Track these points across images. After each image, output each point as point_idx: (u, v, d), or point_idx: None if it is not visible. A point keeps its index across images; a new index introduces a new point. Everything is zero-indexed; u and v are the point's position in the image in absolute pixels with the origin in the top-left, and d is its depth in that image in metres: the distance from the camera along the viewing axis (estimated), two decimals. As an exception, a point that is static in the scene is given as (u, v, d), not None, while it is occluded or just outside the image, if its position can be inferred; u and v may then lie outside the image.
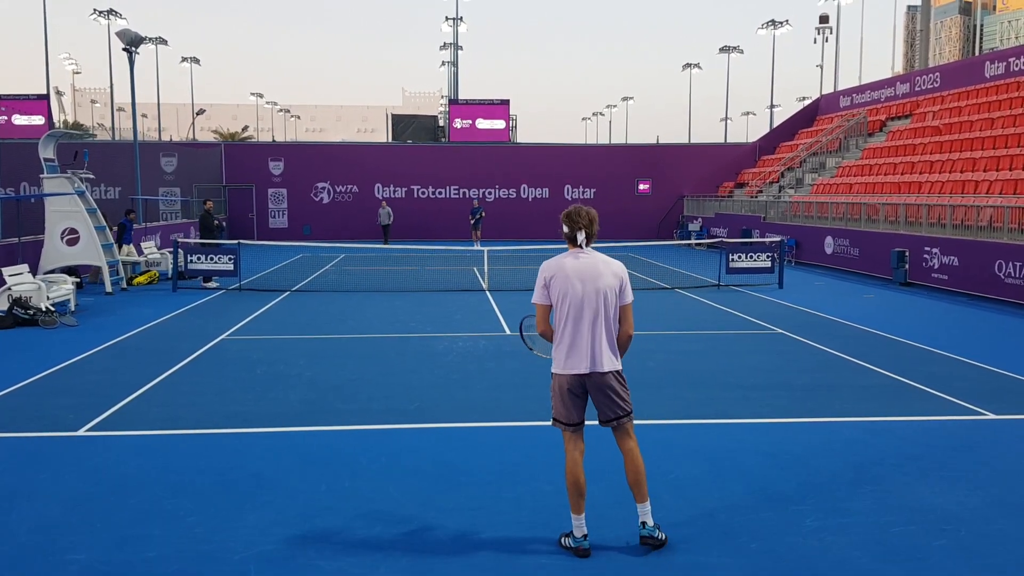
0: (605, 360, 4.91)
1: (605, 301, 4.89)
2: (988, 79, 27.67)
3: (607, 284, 4.90)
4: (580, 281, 4.89)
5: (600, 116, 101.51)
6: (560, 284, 4.92)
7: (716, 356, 11.07)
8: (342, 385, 9.35)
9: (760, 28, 53.20)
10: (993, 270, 16.49)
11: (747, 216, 29.79)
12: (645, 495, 5.05)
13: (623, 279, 4.97)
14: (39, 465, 6.63)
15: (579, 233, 4.92)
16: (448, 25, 52.26)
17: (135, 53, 24.29)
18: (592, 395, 4.99)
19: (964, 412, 8.29)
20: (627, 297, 4.97)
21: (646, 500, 5.05)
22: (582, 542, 4.98)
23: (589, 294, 4.87)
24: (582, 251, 4.96)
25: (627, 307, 4.98)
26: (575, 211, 4.98)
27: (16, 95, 40.48)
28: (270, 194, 37.17)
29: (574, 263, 4.93)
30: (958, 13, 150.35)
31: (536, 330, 5.13)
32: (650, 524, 5.04)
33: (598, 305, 4.88)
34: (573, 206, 5.06)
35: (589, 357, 4.89)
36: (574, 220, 4.94)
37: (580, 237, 4.92)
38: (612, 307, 4.93)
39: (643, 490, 5.03)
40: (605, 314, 4.90)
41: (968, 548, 5.12)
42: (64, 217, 17.23)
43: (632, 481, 5.03)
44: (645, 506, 5.05)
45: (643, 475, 5.02)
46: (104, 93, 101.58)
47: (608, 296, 4.90)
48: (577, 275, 4.90)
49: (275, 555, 4.98)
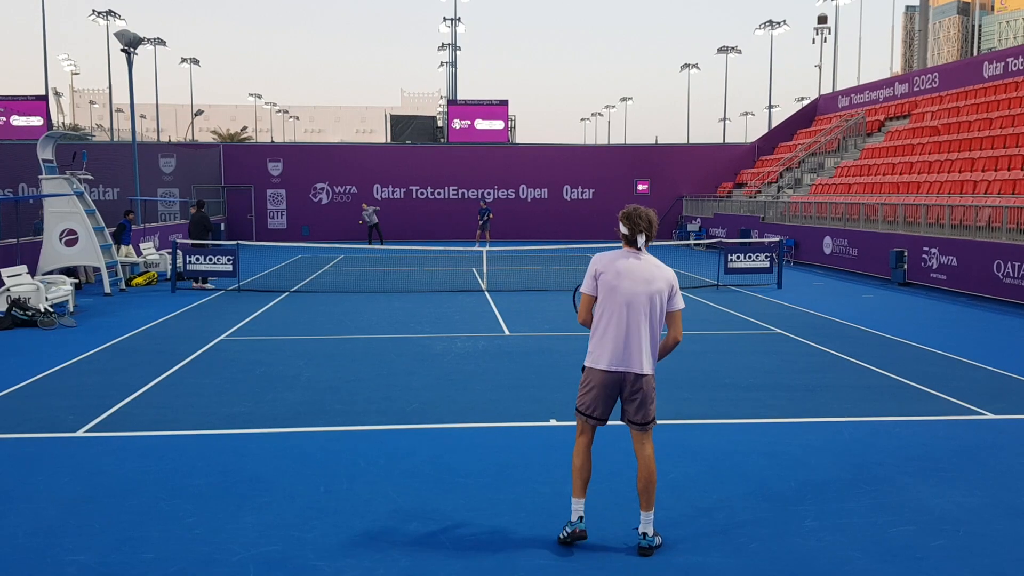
0: (645, 363, 4.92)
1: (652, 305, 4.90)
2: (986, 79, 27.70)
3: (657, 288, 4.90)
4: (631, 281, 4.89)
5: (599, 117, 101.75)
6: (610, 280, 4.92)
7: (715, 356, 11.07)
8: (341, 386, 9.34)
9: (758, 28, 53.28)
10: (992, 270, 16.51)
11: (746, 216, 29.80)
12: (651, 504, 5.04)
13: (673, 285, 4.98)
14: (37, 466, 6.63)
15: (640, 236, 4.93)
16: (446, 26, 52.29)
17: (134, 54, 24.29)
18: (624, 395, 5.00)
19: (964, 412, 8.30)
20: (677, 304, 4.98)
21: (651, 509, 5.04)
22: (578, 524, 5.01)
23: (639, 295, 4.87)
24: (639, 252, 4.97)
25: (676, 313, 5.00)
26: (635, 212, 4.98)
27: (14, 96, 40.44)
28: (269, 195, 37.15)
29: (627, 263, 4.94)
30: (956, 13, 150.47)
31: (578, 316, 5.14)
32: (649, 535, 5.02)
33: (645, 308, 4.88)
34: (632, 207, 5.04)
35: (628, 357, 4.90)
36: (635, 222, 4.94)
37: (641, 240, 4.94)
38: (659, 312, 4.93)
39: (651, 498, 5.03)
40: (651, 317, 4.90)
41: (967, 548, 5.12)
42: (63, 218, 17.22)
43: (642, 488, 5.03)
44: (649, 515, 5.03)
45: (654, 484, 5.03)
46: (103, 94, 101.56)
47: (656, 300, 4.91)
48: (629, 274, 4.91)
49: (274, 556, 4.97)
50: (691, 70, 68.30)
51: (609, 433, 7.59)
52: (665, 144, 42.81)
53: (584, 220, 37.54)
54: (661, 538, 5.12)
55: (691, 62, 67.95)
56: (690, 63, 68.14)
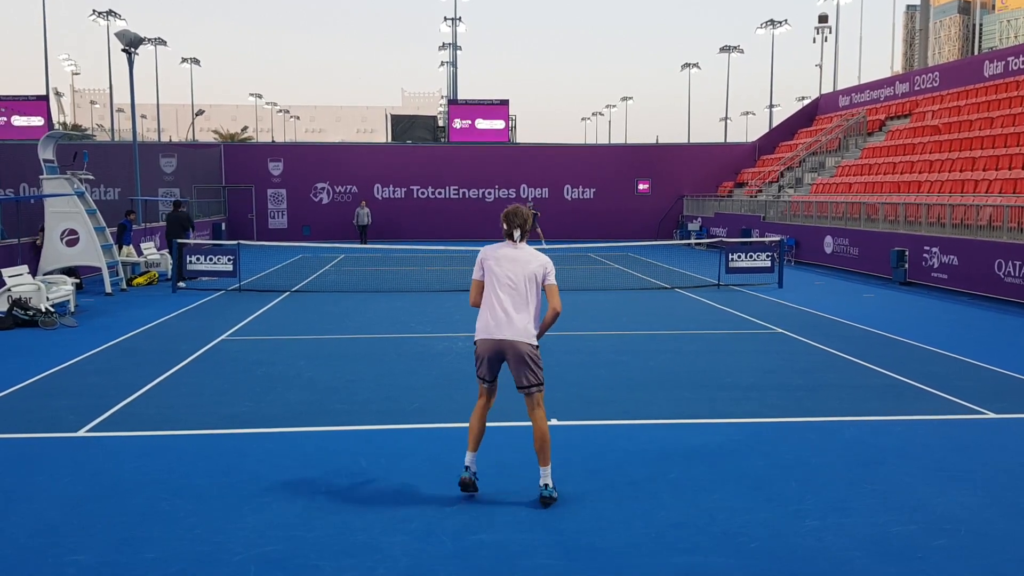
0: (520, 332, 5.70)
1: (527, 283, 5.76)
2: (987, 78, 27.68)
3: (532, 270, 5.80)
4: (510, 264, 5.79)
5: (600, 116, 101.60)
6: (492, 266, 5.83)
7: (716, 356, 11.07)
8: (341, 386, 9.35)
9: (759, 28, 53.25)
10: (993, 269, 16.50)
11: (747, 216, 29.79)
12: (547, 460, 5.75)
13: (546, 267, 5.85)
14: (38, 466, 6.63)
15: (516, 231, 5.86)
16: (447, 25, 52.27)
17: (134, 54, 24.28)
18: (508, 361, 5.76)
19: (964, 412, 8.29)
20: (551, 280, 5.84)
21: (547, 464, 5.75)
22: (466, 473, 5.84)
23: (517, 275, 5.75)
24: (515, 244, 5.86)
25: (552, 287, 5.84)
26: (512, 211, 5.88)
27: (15, 96, 40.49)
28: (270, 195, 37.17)
29: (506, 251, 5.86)
30: (957, 12, 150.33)
31: (470, 300, 6.03)
32: (550, 486, 5.72)
33: (521, 286, 5.75)
34: (512, 207, 5.92)
35: (505, 327, 5.70)
36: (511, 220, 5.87)
37: (517, 234, 5.87)
38: (536, 289, 5.80)
39: (546, 456, 5.75)
40: (527, 294, 5.75)
41: (968, 548, 5.11)
42: (63, 218, 17.22)
43: (538, 447, 5.76)
44: (546, 470, 5.74)
45: (547, 442, 5.75)
46: (103, 94, 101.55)
47: (532, 279, 5.78)
48: (508, 260, 5.81)
49: (275, 556, 4.97)
50: (692, 69, 68.29)
51: (610, 432, 7.59)
52: (666, 144, 42.80)
53: (585, 220, 37.53)
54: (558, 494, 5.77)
55: (692, 61, 67.92)
56: (691, 62, 68.13)
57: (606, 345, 11.82)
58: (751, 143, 39.99)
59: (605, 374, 9.95)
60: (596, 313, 14.90)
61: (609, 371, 10.11)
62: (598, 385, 9.40)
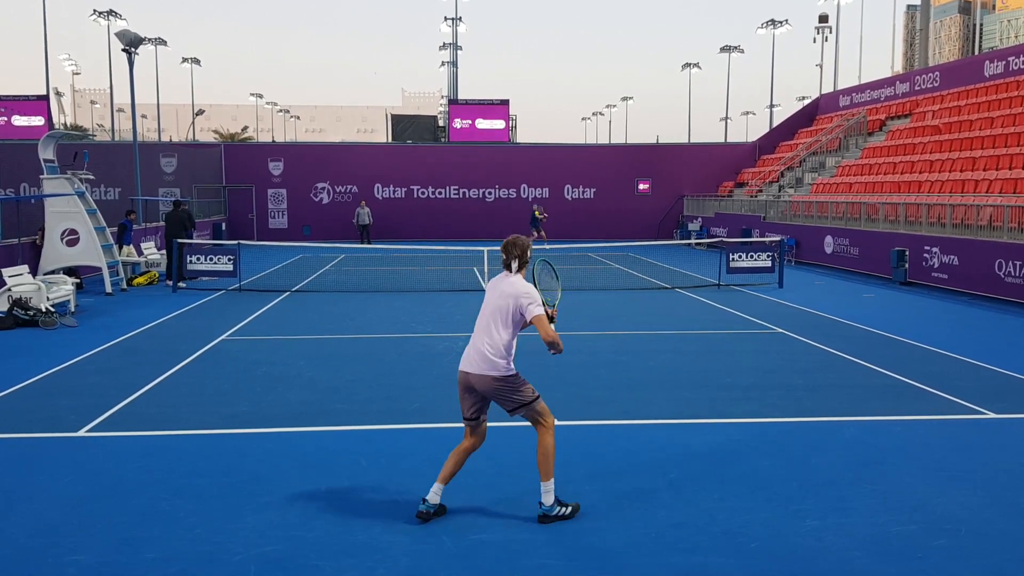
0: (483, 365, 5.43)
1: (493, 316, 5.47)
2: (987, 78, 27.67)
3: (505, 303, 5.47)
4: (495, 294, 5.54)
5: (600, 116, 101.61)
6: (485, 296, 5.66)
7: (716, 356, 11.07)
8: (342, 386, 9.35)
9: (760, 28, 53.20)
10: (993, 269, 16.50)
11: (747, 216, 29.79)
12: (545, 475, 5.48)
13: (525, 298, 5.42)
14: (39, 466, 6.63)
15: (513, 262, 5.59)
16: (447, 25, 52.28)
17: (135, 54, 24.28)
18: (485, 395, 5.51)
19: (964, 412, 8.29)
20: (532, 312, 5.41)
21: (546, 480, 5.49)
22: (423, 506, 5.49)
23: (497, 305, 5.48)
24: (510, 274, 5.59)
25: (535, 319, 5.41)
26: (512, 243, 5.62)
27: (16, 96, 40.50)
28: (270, 194, 37.16)
29: (498, 281, 5.63)
30: (957, 12, 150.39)
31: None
32: (544, 504, 5.48)
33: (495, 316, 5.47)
34: (511, 237, 5.69)
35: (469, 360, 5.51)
36: (508, 251, 5.61)
37: (514, 265, 5.59)
38: (505, 321, 5.44)
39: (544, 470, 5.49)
40: (490, 327, 5.47)
41: (968, 548, 5.11)
42: (64, 218, 17.22)
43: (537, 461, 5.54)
44: (545, 485, 5.49)
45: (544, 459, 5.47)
46: (104, 94, 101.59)
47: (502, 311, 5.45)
48: (495, 290, 5.58)
49: (275, 556, 4.97)
50: (692, 69, 68.25)
51: (610, 432, 7.59)
52: (666, 143, 42.77)
53: (585, 220, 37.52)
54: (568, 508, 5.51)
55: (692, 61, 67.89)
56: (691, 62, 68.08)
57: (606, 345, 11.82)
58: (751, 143, 39.97)
59: (605, 374, 9.95)
60: (596, 313, 14.90)
61: (609, 371, 10.11)
62: (598, 385, 9.40)
